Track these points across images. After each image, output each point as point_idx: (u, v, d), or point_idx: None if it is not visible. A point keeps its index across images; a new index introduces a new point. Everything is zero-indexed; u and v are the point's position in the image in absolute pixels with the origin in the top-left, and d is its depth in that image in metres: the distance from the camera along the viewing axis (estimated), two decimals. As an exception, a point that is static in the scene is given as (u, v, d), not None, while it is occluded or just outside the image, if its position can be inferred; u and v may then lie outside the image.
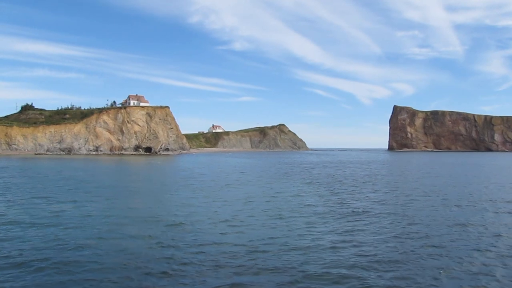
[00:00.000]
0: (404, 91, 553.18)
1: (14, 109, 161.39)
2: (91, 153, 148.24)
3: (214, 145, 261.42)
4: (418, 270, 12.56)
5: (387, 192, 32.60)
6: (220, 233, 17.52)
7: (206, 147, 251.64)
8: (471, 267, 12.91)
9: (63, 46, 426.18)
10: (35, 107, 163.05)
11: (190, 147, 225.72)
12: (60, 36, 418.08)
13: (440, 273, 12.35)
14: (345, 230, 18.22)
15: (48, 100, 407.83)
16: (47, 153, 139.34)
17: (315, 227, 18.82)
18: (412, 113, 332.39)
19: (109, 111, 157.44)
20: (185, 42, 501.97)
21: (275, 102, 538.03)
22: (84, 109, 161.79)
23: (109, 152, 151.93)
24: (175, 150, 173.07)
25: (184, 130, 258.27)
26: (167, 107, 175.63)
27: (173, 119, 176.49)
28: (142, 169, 67.96)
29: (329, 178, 46.68)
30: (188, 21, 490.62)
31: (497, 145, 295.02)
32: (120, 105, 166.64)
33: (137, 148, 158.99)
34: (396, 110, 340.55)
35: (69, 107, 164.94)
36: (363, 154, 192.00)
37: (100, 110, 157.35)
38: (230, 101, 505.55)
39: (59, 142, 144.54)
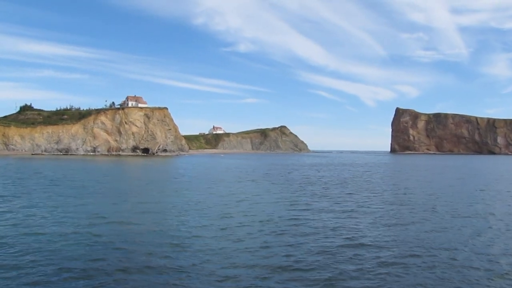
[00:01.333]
0: (408, 93, 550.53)
1: (14, 109, 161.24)
2: (89, 153, 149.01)
3: (215, 146, 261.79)
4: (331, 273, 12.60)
5: (349, 194, 32.50)
6: (147, 230, 17.81)
7: (206, 148, 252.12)
8: (385, 261, 12.93)
9: (68, 47, 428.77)
10: (35, 107, 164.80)
11: (190, 149, 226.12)
12: (65, 36, 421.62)
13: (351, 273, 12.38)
14: (273, 231, 18.19)
15: (53, 100, 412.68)
16: (44, 153, 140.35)
17: (248, 225, 18.86)
18: (415, 116, 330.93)
19: (107, 112, 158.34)
20: (190, 43, 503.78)
21: (279, 104, 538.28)
22: (82, 109, 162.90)
23: (106, 153, 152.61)
24: (174, 151, 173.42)
25: (186, 132, 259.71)
26: (166, 108, 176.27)
27: (171, 120, 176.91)
28: (127, 170, 68.28)
29: (303, 179, 46.64)
30: (193, 22, 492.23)
31: (500, 148, 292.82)
32: (119, 106, 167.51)
33: (134, 149, 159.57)
34: (399, 113, 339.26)
35: (68, 107, 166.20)
36: (361, 157, 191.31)
37: (98, 111, 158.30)
38: (234, 102, 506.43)
39: (57, 143, 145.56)
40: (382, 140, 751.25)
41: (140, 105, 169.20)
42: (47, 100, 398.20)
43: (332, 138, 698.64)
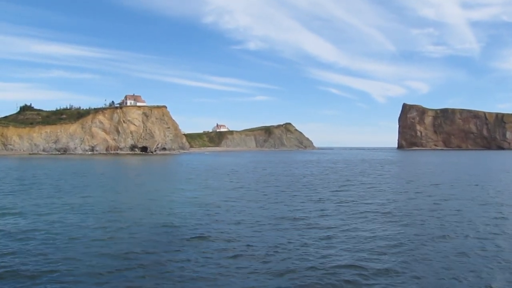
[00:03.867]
0: (419, 89, 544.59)
1: (15, 109, 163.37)
2: (87, 153, 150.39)
3: (218, 144, 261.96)
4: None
5: (281, 191, 31.89)
6: (50, 223, 18.45)
7: (209, 146, 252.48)
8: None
9: (78, 47, 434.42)
10: (37, 107, 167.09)
11: (193, 147, 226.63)
12: (75, 37, 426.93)
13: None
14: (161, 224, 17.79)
15: (64, 101, 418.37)
16: (43, 153, 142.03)
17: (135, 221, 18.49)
18: (422, 111, 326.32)
19: (105, 111, 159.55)
20: (199, 42, 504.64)
21: (289, 101, 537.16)
22: (81, 109, 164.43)
23: (104, 152, 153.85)
24: (174, 150, 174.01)
25: (192, 130, 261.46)
26: (164, 106, 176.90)
27: (170, 118, 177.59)
28: (103, 168, 68.48)
29: (262, 177, 46.14)
30: (203, 21, 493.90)
31: (509, 143, 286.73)
32: (118, 105, 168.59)
33: (133, 147, 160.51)
34: (406, 108, 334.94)
35: (68, 107, 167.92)
36: (362, 153, 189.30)
37: (96, 110, 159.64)
38: (243, 100, 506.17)
39: (55, 142, 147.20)
40: (392, 137, 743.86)
41: (138, 103, 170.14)
42: (59, 100, 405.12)
43: (342, 135, 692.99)
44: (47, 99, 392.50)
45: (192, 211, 22.11)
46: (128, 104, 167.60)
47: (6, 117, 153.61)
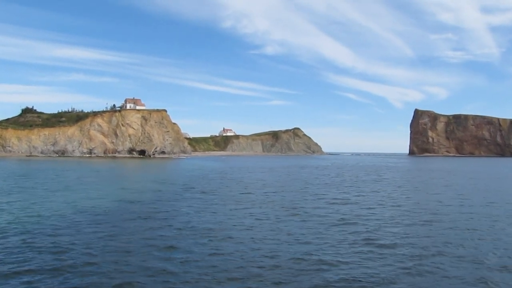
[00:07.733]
0: (437, 95, 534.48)
1: (19, 112, 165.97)
2: (85, 155, 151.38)
3: (223, 148, 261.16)
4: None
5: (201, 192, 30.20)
6: None
7: (214, 150, 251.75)
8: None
9: (98, 51, 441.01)
10: (39, 110, 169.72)
11: (197, 150, 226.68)
12: (95, 41, 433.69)
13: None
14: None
15: (84, 103, 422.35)
16: (40, 155, 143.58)
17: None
18: (434, 117, 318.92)
19: (103, 114, 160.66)
20: (217, 46, 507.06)
21: (305, 106, 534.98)
22: (81, 112, 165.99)
23: (102, 155, 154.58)
24: (174, 153, 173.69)
25: (202, 133, 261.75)
26: (164, 110, 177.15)
27: (170, 122, 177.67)
28: (82, 170, 67.93)
29: (221, 179, 44.58)
30: (221, 25, 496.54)
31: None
32: (119, 109, 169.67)
33: (131, 151, 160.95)
34: (417, 114, 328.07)
35: (70, 110, 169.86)
36: (367, 159, 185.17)
37: (95, 113, 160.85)
38: (260, 104, 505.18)
39: (53, 145, 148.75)
40: (407, 142, 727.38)
41: (138, 107, 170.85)
42: (81, 103, 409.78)
43: (356, 140, 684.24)
44: (66, 102, 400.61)
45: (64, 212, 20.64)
46: (128, 107, 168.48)
47: (7, 119, 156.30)
